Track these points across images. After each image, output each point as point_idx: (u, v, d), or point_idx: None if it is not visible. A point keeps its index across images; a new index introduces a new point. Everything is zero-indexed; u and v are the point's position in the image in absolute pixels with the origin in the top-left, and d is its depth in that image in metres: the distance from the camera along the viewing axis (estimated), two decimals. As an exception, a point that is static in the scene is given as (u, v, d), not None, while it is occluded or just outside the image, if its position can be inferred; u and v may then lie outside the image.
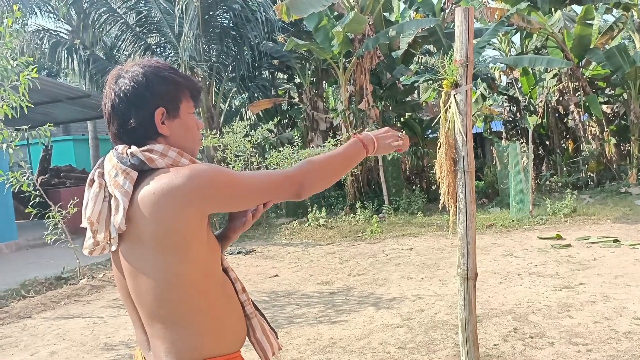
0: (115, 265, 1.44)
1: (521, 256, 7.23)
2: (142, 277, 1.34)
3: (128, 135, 1.40)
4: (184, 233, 1.31)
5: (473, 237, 2.53)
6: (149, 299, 1.34)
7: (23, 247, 10.84)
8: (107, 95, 1.43)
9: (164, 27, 13.45)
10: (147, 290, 1.34)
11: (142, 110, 1.39)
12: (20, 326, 5.84)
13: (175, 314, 1.34)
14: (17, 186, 6.93)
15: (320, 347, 4.46)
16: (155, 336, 1.37)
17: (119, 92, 1.40)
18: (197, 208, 1.31)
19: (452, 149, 2.49)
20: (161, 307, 1.34)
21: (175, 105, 1.43)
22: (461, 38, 2.36)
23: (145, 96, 1.39)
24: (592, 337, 4.20)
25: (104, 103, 1.44)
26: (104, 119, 1.50)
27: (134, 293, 1.38)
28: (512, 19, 12.09)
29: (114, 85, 1.43)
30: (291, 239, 10.22)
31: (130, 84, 1.40)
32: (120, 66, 1.48)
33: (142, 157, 1.33)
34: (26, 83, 5.69)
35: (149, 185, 1.31)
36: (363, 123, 12.36)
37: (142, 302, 1.36)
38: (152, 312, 1.35)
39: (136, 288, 1.36)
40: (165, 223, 1.29)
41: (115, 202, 1.33)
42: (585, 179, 13.38)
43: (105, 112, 1.44)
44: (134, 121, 1.39)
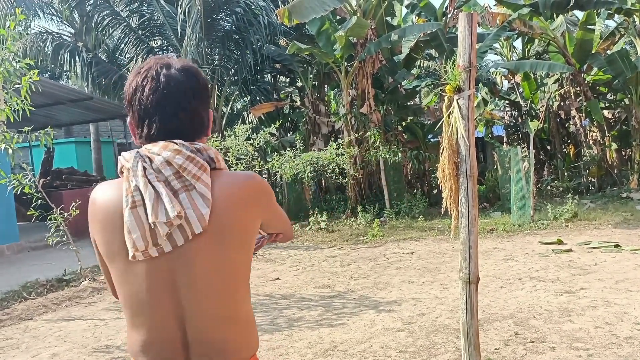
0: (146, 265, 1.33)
1: (522, 261, 7.23)
2: (212, 274, 1.34)
3: (190, 130, 1.39)
4: (251, 233, 1.41)
5: (475, 241, 2.54)
6: (224, 295, 1.37)
7: (25, 249, 10.85)
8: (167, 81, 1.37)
9: (167, 30, 13.50)
10: (215, 286, 1.35)
11: (207, 108, 1.45)
12: (21, 328, 5.84)
13: (239, 311, 1.41)
14: (19, 188, 6.94)
15: (321, 351, 4.46)
16: (217, 337, 1.37)
17: (193, 82, 1.40)
18: (262, 214, 1.45)
19: (455, 153, 2.50)
20: (229, 305, 1.38)
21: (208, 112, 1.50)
22: (464, 43, 2.38)
23: (207, 94, 1.45)
24: (593, 342, 4.20)
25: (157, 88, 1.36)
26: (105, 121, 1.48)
27: (193, 288, 1.33)
28: (514, 24, 12.12)
29: (178, 75, 1.38)
30: (292, 242, 10.22)
31: (201, 79, 1.42)
32: (166, 56, 1.44)
33: (213, 155, 1.36)
34: (28, 86, 5.71)
35: (230, 183, 1.36)
36: (365, 127, 12.38)
37: (199, 299, 1.34)
38: (217, 310, 1.36)
39: (198, 283, 1.33)
40: (243, 222, 1.37)
41: (194, 195, 1.30)
42: (587, 184, 13.37)
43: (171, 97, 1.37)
44: (202, 117, 1.43)
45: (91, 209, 1.40)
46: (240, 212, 1.36)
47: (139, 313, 1.37)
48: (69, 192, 12.23)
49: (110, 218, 1.34)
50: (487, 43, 12.36)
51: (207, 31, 12.85)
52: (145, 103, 1.36)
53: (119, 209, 1.32)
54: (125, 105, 1.44)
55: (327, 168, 11.66)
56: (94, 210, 1.38)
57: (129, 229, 1.28)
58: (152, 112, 1.37)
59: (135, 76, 1.40)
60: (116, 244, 1.33)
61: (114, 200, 1.34)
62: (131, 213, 1.28)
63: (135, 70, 1.43)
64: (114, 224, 1.33)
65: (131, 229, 1.28)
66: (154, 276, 1.33)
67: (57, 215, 7.36)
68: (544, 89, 15.19)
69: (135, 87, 1.39)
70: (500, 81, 17.53)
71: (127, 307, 1.39)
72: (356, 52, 12.31)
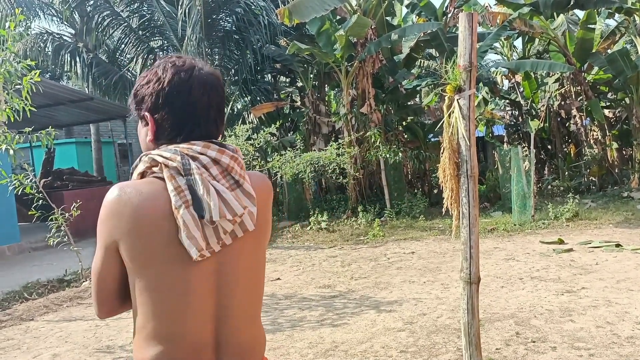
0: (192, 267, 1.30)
1: (523, 260, 7.23)
2: (251, 272, 1.41)
3: (220, 133, 1.44)
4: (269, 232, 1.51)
5: (476, 242, 2.54)
6: (256, 293, 1.44)
7: (26, 250, 10.85)
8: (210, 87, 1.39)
9: (167, 31, 13.50)
10: (254, 284, 1.43)
11: (223, 108, 1.49)
12: (22, 328, 5.85)
13: (260, 309, 1.50)
14: (20, 188, 6.94)
15: (322, 351, 4.46)
16: (248, 336, 1.42)
17: (224, 89, 1.45)
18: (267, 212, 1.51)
19: (456, 153, 2.50)
20: (257, 303, 1.47)
21: None
22: (464, 43, 2.37)
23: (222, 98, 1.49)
24: (595, 342, 4.20)
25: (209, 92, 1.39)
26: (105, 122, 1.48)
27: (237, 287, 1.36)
28: (514, 23, 12.11)
29: (214, 78, 1.41)
30: (293, 242, 10.22)
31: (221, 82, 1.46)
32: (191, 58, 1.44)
33: (241, 156, 1.40)
34: (29, 87, 5.71)
35: (259, 183, 1.44)
36: (365, 127, 12.37)
37: (240, 297, 1.38)
38: (254, 308, 1.44)
39: (241, 283, 1.38)
40: (270, 220, 1.48)
41: (239, 194, 1.33)
42: (587, 183, 13.36)
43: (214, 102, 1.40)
44: (222, 117, 1.46)
45: (118, 216, 1.27)
46: (268, 212, 1.46)
47: (172, 320, 1.30)
48: (70, 193, 12.23)
49: (150, 220, 1.27)
50: (487, 42, 12.35)
51: (208, 31, 12.84)
52: (194, 105, 1.36)
53: (160, 210, 1.27)
54: (150, 101, 1.37)
55: (328, 168, 11.66)
56: (123, 217, 1.27)
57: (189, 229, 1.25)
58: (199, 114, 1.37)
59: (175, 74, 1.36)
60: (156, 247, 1.27)
61: (153, 200, 1.27)
62: (187, 213, 1.25)
63: (168, 66, 1.38)
64: (156, 226, 1.26)
65: (192, 229, 1.25)
66: (201, 277, 1.31)
67: (58, 215, 7.36)
68: (544, 88, 15.18)
69: (178, 87, 1.36)
70: (500, 80, 17.51)
71: (157, 316, 1.30)
72: (356, 52, 12.31)
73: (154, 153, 1.32)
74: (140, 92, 1.40)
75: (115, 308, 1.41)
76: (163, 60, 1.41)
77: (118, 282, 1.35)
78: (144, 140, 1.42)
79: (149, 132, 1.38)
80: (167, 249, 1.27)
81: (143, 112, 1.39)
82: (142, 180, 1.33)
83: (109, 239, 1.30)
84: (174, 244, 1.27)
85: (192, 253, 1.26)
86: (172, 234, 1.27)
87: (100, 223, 1.31)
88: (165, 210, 1.27)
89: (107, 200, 1.30)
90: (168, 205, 1.27)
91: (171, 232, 1.27)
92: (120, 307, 1.42)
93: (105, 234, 1.30)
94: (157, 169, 1.31)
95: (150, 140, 1.38)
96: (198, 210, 1.26)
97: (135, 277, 1.30)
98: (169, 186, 1.27)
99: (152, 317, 1.30)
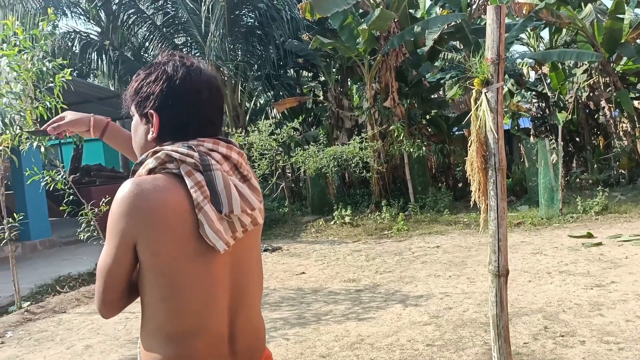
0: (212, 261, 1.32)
1: (551, 254, 7.14)
2: (258, 264, 1.50)
3: (220, 130, 1.47)
4: None
5: (504, 235, 2.53)
6: (260, 283, 1.51)
7: (57, 244, 11.11)
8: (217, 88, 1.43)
9: (191, 27, 13.62)
10: (260, 275, 1.50)
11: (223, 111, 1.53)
12: (55, 320, 6.01)
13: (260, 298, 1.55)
14: (52, 185, 7.10)
15: (348, 344, 4.49)
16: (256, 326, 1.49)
17: (221, 87, 1.49)
18: None
19: (483, 146, 2.49)
20: (260, 294, 1.52)
21: None
22: (492, 36, 2.36)
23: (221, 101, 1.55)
24: (624, 336, 4.14)
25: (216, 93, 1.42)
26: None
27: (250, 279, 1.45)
28: (541, 13, 11.91)
29: (217, 80, 1.45)
30: (317, 237, 10.26)
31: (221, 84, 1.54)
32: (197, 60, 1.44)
33: None
34: (61, 85, 5.84)
35: None
36: (388, 121, 12.33)
37: (252, 287, 1.45)
38: (257, 300, 1.50)
39: (253, 274, 1.46)
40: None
41: (252, 187, 1.41)
42: (617, 176, 13.11)
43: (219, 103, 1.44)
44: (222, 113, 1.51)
45: (139, 204, 1.25)
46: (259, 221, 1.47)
47: (200, 314, 1.31)
48: (98, 188, 12.47)
49: (174, 213, 1.26)
50: (513, 34, 12.17)
51: (231, 27, 12.93)
52: (204, 105, 1.38)
53: (181, 204, 1.27)
54: (158, 99, 1.35)
55: (351, 162, 11.65)
56: (145, 206, 1.24)
57: (214, 223, 1.27)
58: (207, 114, 1.39)
59: (187, 74, 1.37)
60: (180, 241, 1.27)
61: (173, 194, 1.27)
62: (210, 207, 1.28)
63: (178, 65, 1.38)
64: (180, 220, 1.26)
65: (215, 223, 1.28)
66: (221, 271, 1.33)
67: (88, 210, 7.50)
68: (572, 79, 14.92)
69: (191, 86, 1.37)
70: (526, 72, 17.25)
71: (182, 311, 1.30)
72: (379, 46, 12.25)
73: (168, 149, 1.30)
74: (144, 90, 1.38)
75: (120, 307, 1.38)
76: (168, 59, 1.40)
77: (127, 281, 1.34)
78: (142, 137, 1.41)
79: (151, 129, 1.37)
80: (190, 243, 1.27)
81: (147, 110, 1.37)
82: (153, 176, 1.30)
83: (127, 235, 1.26)
84: (194, 238, 1.28)
85: (219, 246, 1.28)
86: (194, 228, 1.27)
87: (116, 219, 1.27)
88: (185, 205, 1.27)
89: (122, 196, 1.26)
90: (187, 200, 1.27)
91: (193, 226, 1.27)
92: (123, 306, 1.40)
93: (123, 230, 1.26)
94: (172, 165, 1.30)
95: (153, 138, 1.37)
96: (216, 205, 1.28)
97: (155, 273, 1.28)
98: (189, 182, 1.27)
99: (176, 313, 1.29)
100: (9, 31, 5.68)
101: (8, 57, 5.55)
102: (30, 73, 5.59)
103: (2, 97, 5.58)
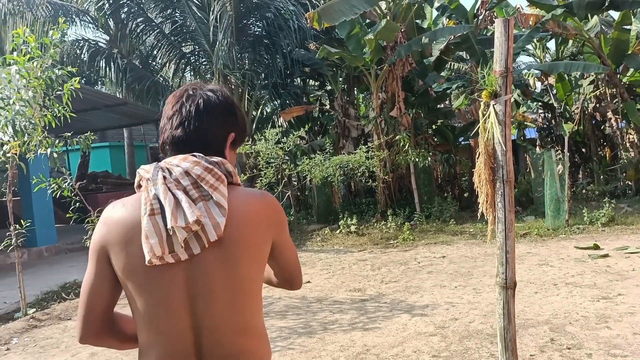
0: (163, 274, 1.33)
1: (557, 266, 7.11)
2: (226, 285, 1.35)
3: (201, 144, 1.43)
4: (263, 250, 1.43)
5: (512, 246, 2.53)
6: (243, 305, 1.37)
7: (62, 251, 11.15)
8: (192, 101, 1.46)
9: (199, 36, 13.70)
10: (229, 297, 1.35)
11: (223, 126, 1.49)
12: (61, 327, 6.02)
13: (253, 323, 1.42)
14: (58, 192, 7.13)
15: (353, 354, 4.48)
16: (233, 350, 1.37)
17: (209, 101, 1.47)
18: (275, 233, 1.46)
19: (491, 158, 2.49)
20: (243, 317, 1.38)
21: (241, 138, 1.54)
22: (501, 49, 2.37)
23: (229, 114, 1.50)
24: (632, 349, 4.12)
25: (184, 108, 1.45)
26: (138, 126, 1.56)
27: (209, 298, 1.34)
28: (548, 24, 11.93)
29: (202, 94, 1.47)
30: (322, 246, 10.26)
31: (221, 98, 1.49)
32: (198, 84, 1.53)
33: (230, 170, 1.41)
34: (69, 93, 5.89)
35: (248, 197, 1.41)
36: (394, 130, 12.34)
37: (216, 309, 1.34)
38: (232, 322, 1.36)
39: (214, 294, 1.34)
40: (256, 236, 1.39)
41: (210, 205, 1.33)
42: (623, 187, 13.05)
43: (185, 117, 1.44)
44: (214, 133, 1.47)
45: (106, 227, 1.37)
46: (254, 227, 1.39)
47: (153, 327, 1.35)
48: (104, 195, 12.55)
49: (130, 232, 1.34)
50: (519, 44, 12.20)
51: (238, 36, 13.01)
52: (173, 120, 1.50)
53: (137, 221, 1.33)
54: None
55: (357, 171, 11.66)
56: (110, 227, 1.36)
57: (147, 234, 1.29)
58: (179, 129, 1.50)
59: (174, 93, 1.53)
60: (136, 256, 1.32)
61: (132, 214, 1.36)
62: (149, 220, 1.30)
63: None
64: (134, 237, 1.33)
65: (149, 235, 1.29)
66: (172, 286, 1.33)
67: (94, 217, 7.52)
68: (578, 90, 14.90)
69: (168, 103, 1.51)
70: (533, 83, 17.25)
71: (140, 324, 1.36)
72: (386, 56, 12.29)
73: (142, 167, 1.41)
74: None
75: (97, 334, 1.41)
76: None
77: (107, 303, 1.39)
78: None
79: None
80: (141, 257, 1.31)
81: None
82: (130, 197, 1.42)
83: (99, 245, 1.37)
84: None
85: (146, 256, 1.29)
86: None
87: (93, 235, 1.40)
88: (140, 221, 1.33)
89: (101, 215, 1.42)
90: None
91: None
92: (102, 336, 1.42)
93: (96, 243, 1.37)
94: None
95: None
96: (164, 218, 1.31)
97: (124, 287, 1.37)
98: (142, 196, 1.34)
99: (138, 326, 1.37)
100: (19, 39, 5.74)
101: (18, 64, 5.61)
102: (40, 81, 5.65)
103: (14, 105, 5.63)
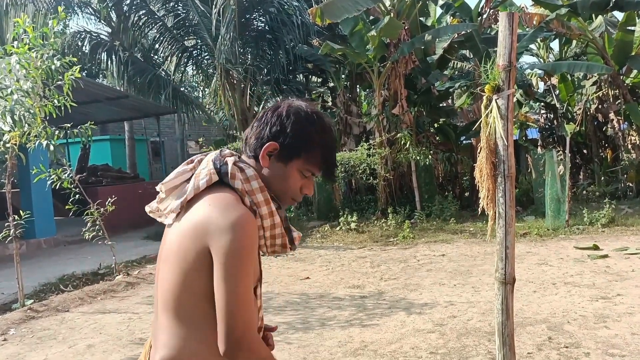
0: (163, 241, 1.52)
1: (556, 265, 7.10)
2: (170, 270, 1.42)
3: (245, 143, 1.54)
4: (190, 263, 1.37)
5: (512, 242, 2.51)
6: (167, 285, 1.42)
7: (61, 243, 11.14)
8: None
9: (201, 30, 13.67)
10: (168, 276, 1.42)
11: (263, 132, 1.49)
12: (58, 319, 6.01)
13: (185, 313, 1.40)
14: (58, 183, 7.12)
15: (351, 350, 4.47)
16: (163, 340, 1.43)
17: (266, 108, 1.55)
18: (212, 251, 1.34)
19: (493, 153, 2.47)
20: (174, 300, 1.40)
21: (291, 153, 1.48)
22: (504, 43, 2.35)
23: (275, 125, 1.48)
24: (630, 349, 4.10)
25: None
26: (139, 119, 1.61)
27: (159, 274, 1.48)
28: (552, 24, 11.88)
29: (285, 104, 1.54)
30: (322, 242, 10.24)
31: (282, 108, 1.51)
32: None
33: (228, 170, 1.43)
34: (70, 83, 5.87)
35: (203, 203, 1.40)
36: (396, 128, 12.31)
37: (162, 287, 1.45)
38: (166, 301, 1.42)
39: (162, 270, 1.46)
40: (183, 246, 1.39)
41: (187, 188, 1.46)
42: (624, 188, 13.03)
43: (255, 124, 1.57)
44: (255, 136, 1.51)
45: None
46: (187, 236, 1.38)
47: None
48: (104, 189, 12.52)
49: None
50: (523, 44, 12.14)
51: (241, 31, 12.97)
52: None
53: None
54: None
55: (358, 169, 11.63)
56: None
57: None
58: None
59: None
60: None
61: None
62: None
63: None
64: None
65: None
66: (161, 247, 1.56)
67: (93, 210, 7.52)
68: (581, 91, 14.85)
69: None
70: (535, 83, 17.20)
71: None
72: (389, 53, 12.24)
73: None
74: None
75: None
76: None
77: None
78: None
79: None
80: None
81: None
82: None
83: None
84: None
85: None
86: None
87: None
88: None
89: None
90: None
91: None
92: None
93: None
94: None
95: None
96: None
97: None
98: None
99: None
100: (19, 29, 5.72)
101: (18, 54, 5.58)
102: (40, 71, 5.62)
103: (13, 94, 5.60)
